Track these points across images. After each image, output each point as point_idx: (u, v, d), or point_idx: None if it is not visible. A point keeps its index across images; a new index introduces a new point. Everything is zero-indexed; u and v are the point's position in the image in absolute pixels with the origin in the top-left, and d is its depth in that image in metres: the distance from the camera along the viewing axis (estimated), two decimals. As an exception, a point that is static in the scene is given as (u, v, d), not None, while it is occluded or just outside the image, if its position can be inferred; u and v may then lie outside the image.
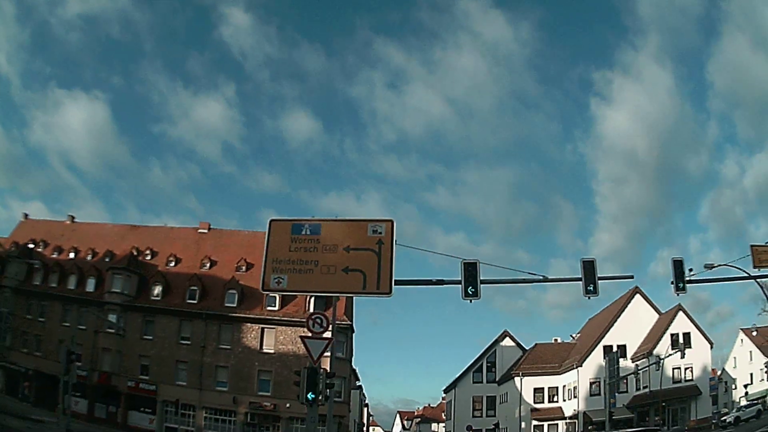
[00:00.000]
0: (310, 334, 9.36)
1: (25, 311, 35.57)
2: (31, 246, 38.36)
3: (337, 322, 27.14)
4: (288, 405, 27.39)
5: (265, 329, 29.82)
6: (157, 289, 31.98)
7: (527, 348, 41.24)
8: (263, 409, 28.42)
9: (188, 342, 30.61)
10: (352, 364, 32.09)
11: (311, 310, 27.59)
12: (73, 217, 41.22)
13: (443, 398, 56.68)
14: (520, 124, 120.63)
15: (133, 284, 32.33)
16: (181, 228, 38.02)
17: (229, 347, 29.90)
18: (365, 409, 46.45)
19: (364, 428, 45.50)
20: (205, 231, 36.50)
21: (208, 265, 33.56)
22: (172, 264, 34.08)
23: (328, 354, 25.36)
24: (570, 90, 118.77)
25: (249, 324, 30.09)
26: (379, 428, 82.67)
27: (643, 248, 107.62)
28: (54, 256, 36.96)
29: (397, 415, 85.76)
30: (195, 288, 31.44)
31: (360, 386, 46.77)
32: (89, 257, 35.24)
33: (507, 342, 43.13)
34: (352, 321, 29.51)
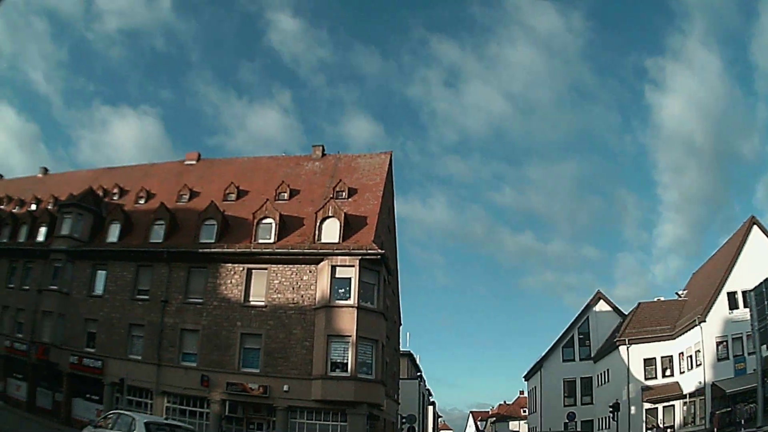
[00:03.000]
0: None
1: None
2: None
3: (363, 250, 20.82)
4: (286, 388, 22.20)
5: (254, 271, 24.83)
6: (115, 230, 29.02)
7: (626, 312, 39.54)
8: (248, 394, 21.66)
9: (146, 297, 27.01)
10: (399, 326, 24.37)
11: (323, 239, 21.68)
12: (45, 170, 41.75)
13: (520, 393, 64.75)
14: (580, 117, 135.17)
15: (86, 226, 30.04)
16: (164, 163, 36.23)
17: (200, 300, 24.84)
18: (431, 408, 40.03)
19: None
20: (193, 162, 33.98)
21: (186, 196, 30.51)
22: (143, 201, 31.58)
23: (347, 303, 21.40)
24: (625, 79, 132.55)
25: (230, 264, 25.00)
26: (450, 431, 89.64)
27: (703, 237, 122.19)
28: (14, 210, 36.61)
29: (470, 416, 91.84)
30: (161, 222, 27.90)
31: (420, 375, 43.31)
32: (50, 206, 33.76)
33: (602, 306, 41.13)
34: (396, 259, 22.52)
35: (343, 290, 21.93)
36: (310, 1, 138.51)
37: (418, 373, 47.32)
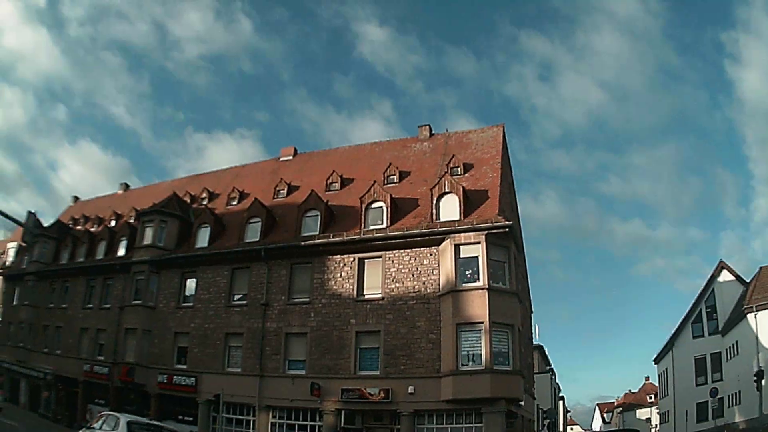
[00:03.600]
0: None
1: (47, 299, 37.23)
2: (69, 224, 41.59)
3: (488, 224, 20.59)
4: (411, 389, 21.34)
5: (366, 260, 24.36)
6: (204, 234, 29.92)
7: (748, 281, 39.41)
8: (367, 401, 21.36)
9: (243, 302, 26.98)
10: (531, 314, 23.64)
11: (442, 218, 21.62)
12: (126, 186, 44.76)
13: (645, 379, 76.66)
14: (671, 98, 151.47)
15: (171, 233, 31.27)
16: (256, 163, 37.58)
17: (306, 299, 24.69)
18: (560, 403, 39.47)
19: (560, 427, 41.90)
20: (289, 158, 35.00)
21: (284, 191, 31.06)
22: (235, 202, 32.53)
23: (476, 285, 21.04)
24: (706, 55, 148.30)
25: (338, 256, 24.80)
26: (577, 427, 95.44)
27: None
28: (93, 228, 38.93)
29: (596, 409, 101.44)
30: (256, 219, 28.25)
31: (551, 369, 44.01)
32: (131, 220, 35.63)
33: (725, 276, 41.25)
34: (522, 241, 22.24)
35: (469, 271, 21.20)
36: (394, 9, 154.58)
37: (549, 367, 47.02)
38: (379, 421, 22.15)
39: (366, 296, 23.55)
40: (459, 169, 25.40)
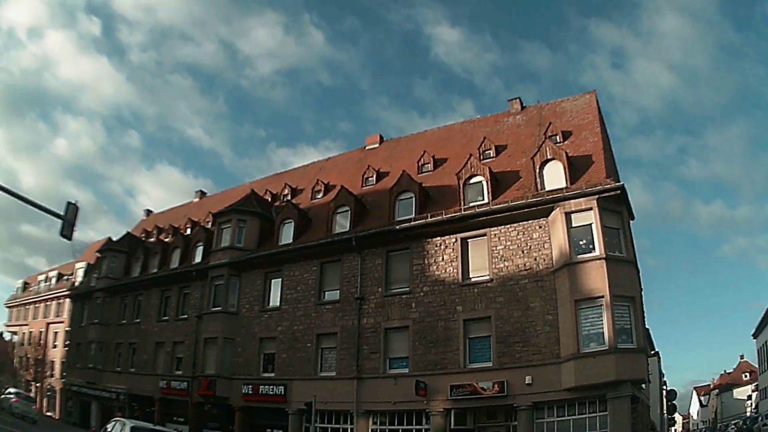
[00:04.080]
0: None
1: (118, 315, 38.87)
2: (141, 237, 43.74)
3: (599, 187, 20.30)
4: (528, 380, 20.52)
5: (470, 240, 23.83)
6: (288, 230, 30.29)
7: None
8: (480, 396, 21.06)
9: (335, 299, 26.93)
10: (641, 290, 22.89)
11: (547, 186, 21.68)
12: (203, 193, 47.02)
13: (740, 358, 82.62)
14: (735, 76, 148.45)
15: (251, 232, 31.74)
16: (341, 154, 38.24)
17: (406, 289, 24.68)
18: (664, 389, 38.72)
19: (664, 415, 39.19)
20: (375, 146, 35.63)
21: (373, 178, 31.39)
22: (320, 195, 33.02)
23: (592, 255, 20.54)
24: (760, 29, 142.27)
25: (438, 238, 24.65)
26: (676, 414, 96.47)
27: None
28: (168, 239, 40.22)
29: (693, 393, 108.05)
30: (344, 208, 28.43)
31: (656, 353, 43.27)
32: (209, 225, 36.65)
33: None
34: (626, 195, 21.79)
35: (583, 242, 20.54)
36: (464, 9, 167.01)
37: (655, 351, 46.22)
38: (493, 419, 21.25)
39: (472, 279, 22.90)
40: (557, 137, 24.81)
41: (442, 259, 24.04)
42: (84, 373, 40.15)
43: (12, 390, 38.48)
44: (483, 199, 23.99)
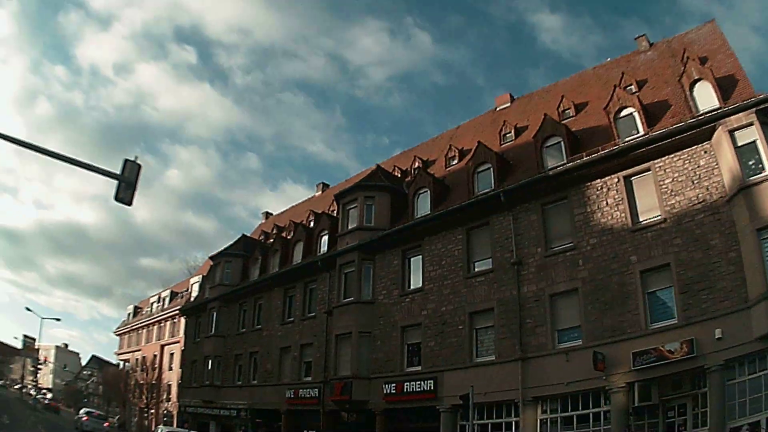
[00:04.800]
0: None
1: (236, 325, 40.83)
2: (261, 239, 46.29)
3: (754, 99, 20.44)
4: (718, 334, 19.09)
5: (633, 179, 23.07)
6: (425, 201, 30.47)
7: None
8: (667, 361, 19.80)
9: (487, 268, 26.25)
10: None
11: (700, 108, 22.16)
12: (325, 185, 49.20)
13: None
14: None
15: (381, 209, 32.10)
16: (470, 120, 39.32)
17: (569, 245, 23.78)
18: None
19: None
20: (506, 105, 36.77)
21: (511, 134, 31.66)
22: (455, 162, 33.32)
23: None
24: None
25: (597, 181, 23.73)
26: None
27: None
28: (288, 236, 41.74)
29: None
30: (486, 166, 28.21)
31: None
32: (334, 214, 37.82)
33: None
34: None
35: (752, 161, 20.04)
36: None
37: None
38: (678, 388, 19.89)
39: (643, 222, 22.01)
40: (695, 62, 24.24)
41: (606, 203, 23.04)
42: (200, 392, 41.82)
43: (84, 410, 45.30)
44: (637, 132, 23.37)
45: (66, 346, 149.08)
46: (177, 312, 56.29)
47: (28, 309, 69.45)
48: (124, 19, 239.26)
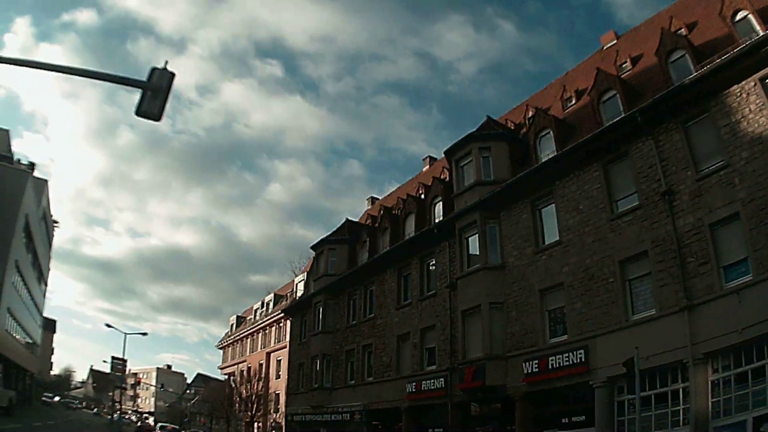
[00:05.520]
0: None
1: (345, 317, 41.88)
2: (367, 224, 46.44)
3: None
4: None
5: None
6: (548, 142, 30.29)
7: None
8: None
9: (634, 204, 25.16)
10: None
11: None
12: (431, 158, 50.60)
13: None
14: None
15: (499, 160, 32.08)
16: (577, 66, 39.59)
17: (721, 163, 22.51)
18: None
19: None
20: (613, 42, 36.59)
21: (627, 64, 31.08)
22: (572, 102, 33.09)
23: None
24: None
25: (735, 87, 22.74)
26: None
27: None
28: (399, 212, 42.10)
29: None
30: (611, 93, 27.87)
31: None
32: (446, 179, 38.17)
33: None
34: None
35: None
36: None
37: None
38: None
39: None
40: None
41: (749, 110, 21.74)
42: (308, 397, 42.61)
43: (159, 424, 52.98)
44: (756, 34, 22.52)
45: (169, 367, 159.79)
46: (282, 315, 57.90)
47: (107, 325, 73.11)
48: (199, 40, 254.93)
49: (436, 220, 35.04)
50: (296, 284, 57.51)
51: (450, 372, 30.78)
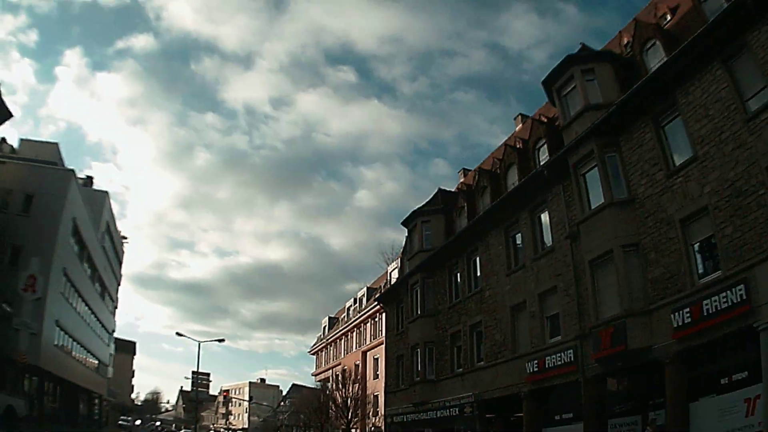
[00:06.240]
0: None
1: (446, 295, 39.92)
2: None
3: None
4: None
5: None
6: (655, 52, 27.47)
7: None
8: None
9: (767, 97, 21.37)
10: None
11: None
12: (523, 116, 47.50)
13: None
14: None
15: (607, 82, 29.24)
16: None
17: None
18: None
19: None
20: None
21: None
22: (668, 17, 29.63)
23: None
24: None
25: None
26: None
27: None
28: (499, 169, 39.20)
29: None
30: None
31: None
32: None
33: None
34: None
35: None
36: None
37: None
38: None
39: None
40: None
41: None
42: (409, 394, 40.90)
43: None
44: None
45: (262, 380, 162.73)
46: (377, 308, 56.93)
47: (178, 334, 72.53)
48: (265, 54, 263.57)
49: (542, 162, 32.57)
50: (389, 273, 57.03)
51: (580, 341, 27.27)
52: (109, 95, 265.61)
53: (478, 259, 36.87)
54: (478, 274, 36.81)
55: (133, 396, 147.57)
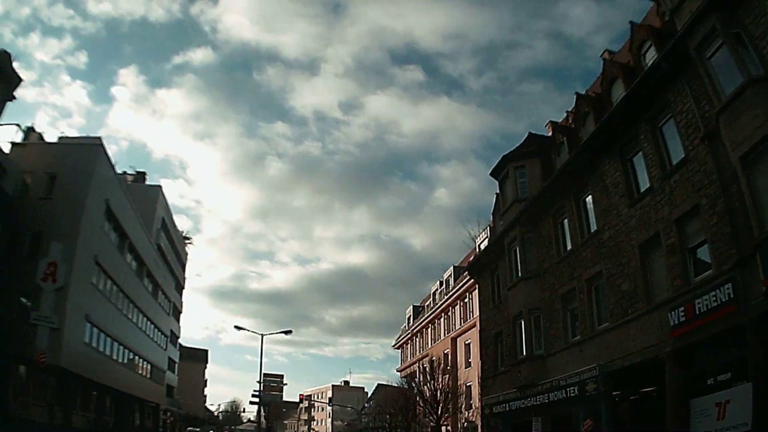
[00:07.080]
0: None
1: (556, 247, 36.24)
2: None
3: None
4: None
5: None
6: None
7: None
8: None
9: None
10: None
11: None
12: (610, 52, 44.35)
13: None
14: None
15: None
16: None
17: None
18: None
19: None
20: None
21: None
22: None
23: None
24: None
25: None
26: None
27: None
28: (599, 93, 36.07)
29: None
30: None
31: None
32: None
33: None
34: None
35: None
36: None
37: None
38: None
39: None
40: None
41: None
42: (512, 376, 37.59)
43: None
44: None
45: (346, 383, 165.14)
46: (466, 286, 54.32)
47: (237, 327, 70.75)
48: (330, 59, 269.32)
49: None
50: (478, 245, 53.85)
51: (740, 268, 20.69)
52: (172, 111, 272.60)
53: (590, 195, 31.68)
54: (592, 214, 31.86)
55: (212, 407, 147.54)
